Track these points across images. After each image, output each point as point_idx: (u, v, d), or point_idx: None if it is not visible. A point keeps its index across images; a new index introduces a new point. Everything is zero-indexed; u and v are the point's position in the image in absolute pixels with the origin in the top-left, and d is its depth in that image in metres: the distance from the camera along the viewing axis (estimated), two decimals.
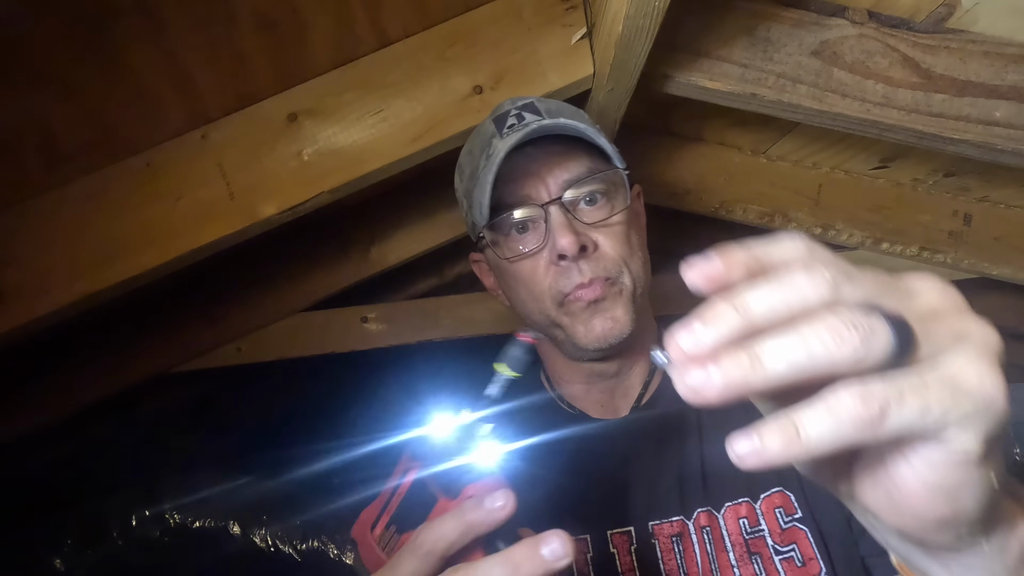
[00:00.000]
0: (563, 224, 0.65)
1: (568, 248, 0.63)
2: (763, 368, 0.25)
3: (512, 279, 0.71)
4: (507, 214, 0.67)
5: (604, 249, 0.67)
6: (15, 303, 0.76)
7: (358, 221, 1.25)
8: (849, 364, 0.25)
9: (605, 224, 0.68)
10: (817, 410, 0.25)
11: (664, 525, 0.66)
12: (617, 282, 0.67)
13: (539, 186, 0.67)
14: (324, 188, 0.80)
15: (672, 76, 0.77)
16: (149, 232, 0.78)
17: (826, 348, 0.25)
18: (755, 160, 1.16)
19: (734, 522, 0.65)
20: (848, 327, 0.25)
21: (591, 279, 0.65)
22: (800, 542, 0.63)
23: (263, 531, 1.66)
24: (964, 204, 1.15)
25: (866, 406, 0.24)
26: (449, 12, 0.80)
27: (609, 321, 0.66)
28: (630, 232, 0.70)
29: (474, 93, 0.80)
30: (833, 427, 0.24)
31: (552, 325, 0.69)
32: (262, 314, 1.31)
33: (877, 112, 0.75)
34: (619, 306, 0.66)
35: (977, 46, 0.74)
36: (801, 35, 0.75)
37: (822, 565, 0.62)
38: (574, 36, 0.79)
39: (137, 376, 1.26)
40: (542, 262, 0.67)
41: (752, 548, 0.64)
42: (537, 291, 0.68)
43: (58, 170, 0.76)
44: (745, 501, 0.66)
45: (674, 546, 0.65)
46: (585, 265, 0.65)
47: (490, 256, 0.74)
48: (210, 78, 0.74)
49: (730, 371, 0.25)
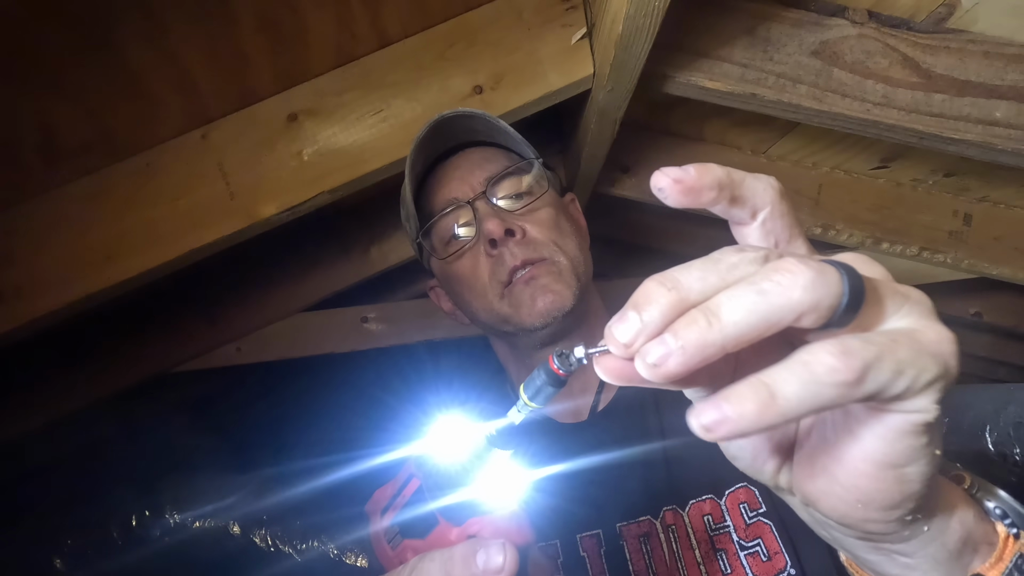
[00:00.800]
0: (489, 213, 0.70)
1: (494, 230, 0.68)
2: (721, 323, 0.23)
3: (456, 282, 0.75)
4: (438, 215, 0.73)
5: (532, 233, 0.71)
6: (15, 303, 0.76)
7: (358, 221, 1.25)
8: (808, 305, 0.23)
9: (530, 210, 0.72)
10: (792, 370, 0.23)
11: (632, 526, 0.66)
12: (550, 260, 0.70)
13: (463, 187, 0.73)
14: (324, 188, 0.80)
15: (672, 76, 0.77)
16: (149, 232, 0.78)
17: (780, 287, 0.23)
18: (755, 160, 1.16)
19: (699, 519, 0.65)
20: (798, 265, 0.23)
21: (523, 260, 0.69)
22: (765, 536, 0.63)
23: (263, 531, 1.66)
24: (964, 204, 1.15)
25: (847, 364, 0.23)
26: (449, 12, 0.80)
27: (549, 294, 0.68)
28: (559, 219, 0.74)
29: (474, 93, 0.80)
30: (811, 388, 0.23)
31: (500, 320, 0.72)
32: (262, 314, 1.31)
33: (877, 112, 0.75)
34: (557, 281, 0.69)
35: (977, 46, 0.74)
36: (801, 35, 0.75)
37: (787, 558, 0.62)
38: (574, 36, 0.79)
39: (137, 376, 1.26)
40: (480, 258, 0.71)
41: (717, 544, 0.64)
42: (479, 286, 0.72)
43: (58, 170, 0.76)
44: (710, 498, 0.66)
45: (642, 546, 0.65)
46: (516, 248, 0.69)
47: (435, 267, 0.79)
48: (210, 78, 0.74)
49: (688, 335, 0.23)
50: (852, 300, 0.24)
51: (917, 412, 0.25)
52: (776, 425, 0.23)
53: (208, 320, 1.28)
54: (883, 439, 0.26)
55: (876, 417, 0.26)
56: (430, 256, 0.78)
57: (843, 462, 0.27)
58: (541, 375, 0.32)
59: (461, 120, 0.72)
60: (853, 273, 0.24)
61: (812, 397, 0.23)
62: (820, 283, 0.23)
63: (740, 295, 0.24)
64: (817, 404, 0.23)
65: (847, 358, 0.23)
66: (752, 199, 0.30)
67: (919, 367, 0.24)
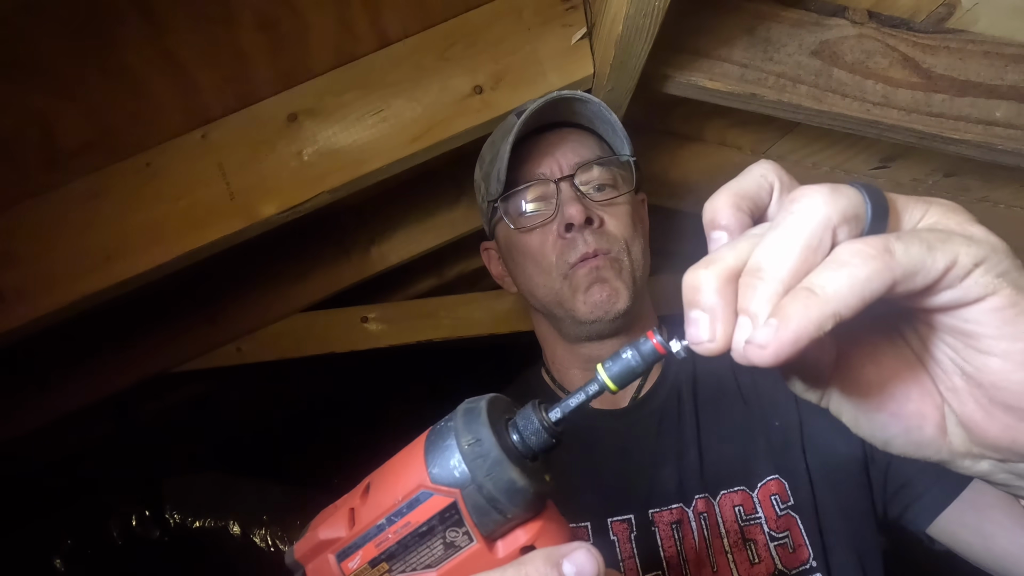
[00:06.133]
0: (572, 197, 0.70)
1: (576, 216, 0.68)
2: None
3: (520, 254, 0.75)
4: (522, 186, 0.73)
5: (608, 226, 0.71)
6: (15, 303, 0.76)
7: (358, 221, 1.25)
8: (838, 215, 0.24)
9: (611, 203, 0.73)
10: (826, 268, 0.24)
11: (664, 512, 0.67)
12: (619, 259, 0.71)
13: (552, 164, 0.73)
14: (324, 188, 0.80)
15: (672, 76, 0.77)
16: (149, 232, 0.78)
17: (801, 209, 0.24)
18: (755, 160, 1.16)
19: (729, 509, 0.66)
20: (811, 188, 0.25)
21: (595, 250, 0.69)
22: (792, 528, 0.64)
23: (263, 531, 1.66)
24: (964, 204, 1.14)
25: (872, 243, 0.23)
26: (449, 12, 0.80)
27: (608, 290, 0.69)
28: (634, 217, 0.74)
29: (474, 93, 0.80)
30: (849, 278, 0.23)
31: (555, 301, 0.73)
32: (262, 314, 1.31)
33: (877, 112, 0.75)
34: (620, 280, 0.70)
35: (977, 46, 0.74)
36: (801, 35, 0.75)
37: (811, 550, 0.62)
38: (574, 36, 0.79)
39: (137, 376, 1.26)
40: (551, 236, 0.72)
41: (747, 535, 0.65)
42: (545, 263, 0.72)
43: (59, 170, 0.76)
44: (741, 489, 0.67)
45: (673, 533, 0.66)
46: (590, 236, 0.70)
47: (501, 232, 0.79)
48: (210, 78, 0.74)
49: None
50: (876, 209, 0.25)
51: (995, 296, 0.24)
52: (831, 325, 0.23)
53: (208, 320, 1.28)
54: (1001, 333, 0.24)
55: (968, 310, 0.25)
56: (498, 221, 0.77)
57: (977, 372, 0.26)
58: (635, 356, 0.30)
59: (572, 101, 0.72)
60: (870, 187, 0.25)
61: (854, 286, 0.23)
62: (838, 195, 0.24)
63: (778, 236, 0.25)
64: (863, 293, 0.23)
65: (872, 240, 0.23)
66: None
67: (953, 246, 0.24)
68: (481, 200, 0.80)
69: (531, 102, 0.71)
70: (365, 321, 1.39)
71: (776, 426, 0.69)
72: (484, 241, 0.87)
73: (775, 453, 0.68)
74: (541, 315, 0.81)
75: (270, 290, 1.29)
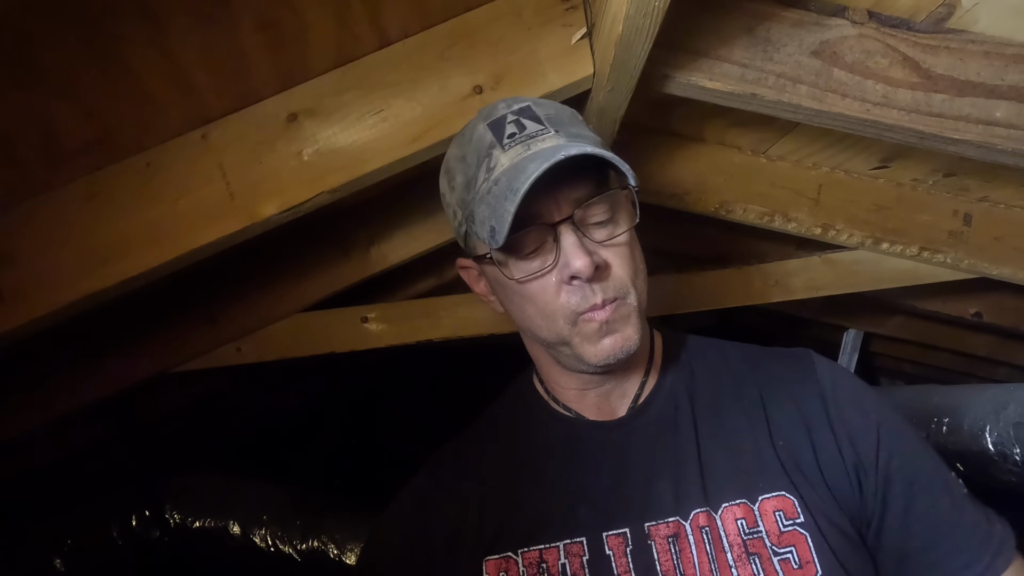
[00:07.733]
0: (575, 245, 0.63)
1: (583, 271, 0.62)
2: None
3: (518, 296, 0.69)
4: (519, 233, 0.63)
5: (615, 269, 0.66)
6: (15, 303, 0.77)
7: (358, 221, 1.25)
8: None
9: (613, 243, 0.67)
10: None
11: (660, 526, 0.66)
12: (626, 302, 0.66)
13: (549, 204, 0.65)
14: (324, 188, 0.80)
15: (672, 76, 0.77)
16: (149, 232, 0.78)
17: None
18: (755, 160, 1.16)
19: (732, 523, 0.65)
20: None
21: (603, 300, 0.64)
22: (799, 545, 0.63)
23: (263, 531, 1.66)
24: (964, 204, 1.15)
25: None
26: (449, 12, 0.80)
27: (620, 339, 0.66)
28: (635, 249, 0.69)
29: (474, 93, 0.80)
30: None
31: (559, 342, 0.68)
32: (262, 314, 1.31)
33: (877, 112, 0.75)
34: (629, 325, 0.66)
35: (977, 46, 0.74)
36: (801, 35, 0.75)
37: (818, 568, 0.62)
38: (574, 36, 0.79)
39: (137, 376, 1.26)
40: (552, 280, 0.66)
41: (751, 548, 0.64)
42: (549, 310, 0.66)
43: (59, 170, 0.76)
44: (742, 502, 0.66)
45: (670, 547, 0.65)
46: (598, 286, 0.65)
47: (491, 271, 0.71)
48: (210, 78, 0.74)
49: None
50: None
51: None
52: None
53: (208, 320, 1.28)
54: None
55: None
56: (487, 262, 0.69)
57: None
58: None
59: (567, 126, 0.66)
60: None
61: None
62: None
63: None
64: None
65: None
66: None
67: None
68: (457, 225, 0.71)
69: (505, 105, 0.66)
70: (365, 321, 1.39)
71: (781, 445, 0.68)
72: (460, 258, 0.77)
73: (785, 469, 0.67)
74: (536, 342, 0.76)
75: (270, 290, 1.29)
